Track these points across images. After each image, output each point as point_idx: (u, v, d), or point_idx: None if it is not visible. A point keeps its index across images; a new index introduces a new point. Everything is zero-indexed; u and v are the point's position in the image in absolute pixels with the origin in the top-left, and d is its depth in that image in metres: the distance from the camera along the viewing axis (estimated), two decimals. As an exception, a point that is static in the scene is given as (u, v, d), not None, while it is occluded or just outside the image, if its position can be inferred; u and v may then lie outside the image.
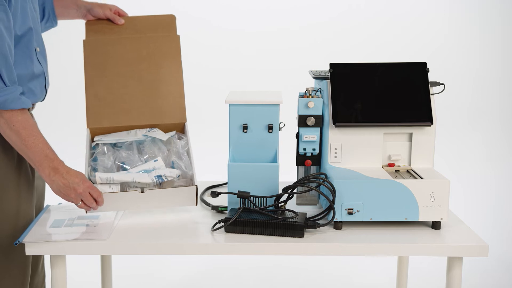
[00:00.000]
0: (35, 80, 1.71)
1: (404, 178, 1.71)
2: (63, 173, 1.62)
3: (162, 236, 1.64)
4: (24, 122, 1.60)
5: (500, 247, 3.42)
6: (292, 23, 4.49)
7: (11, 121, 1.58)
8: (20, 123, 1.59)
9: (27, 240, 1.58)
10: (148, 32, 2.00)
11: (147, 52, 1.96)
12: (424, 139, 1.78)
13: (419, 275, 3.01)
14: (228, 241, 1.61)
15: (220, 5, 4.47)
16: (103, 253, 1.63)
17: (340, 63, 1.79)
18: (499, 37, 4.57)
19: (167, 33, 2.02)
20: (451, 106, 4.44)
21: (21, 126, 1.59)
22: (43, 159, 1.61)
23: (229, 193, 1.73)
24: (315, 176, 1.71)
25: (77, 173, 1.65)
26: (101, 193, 1.66)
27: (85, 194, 1.63)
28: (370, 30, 4.50)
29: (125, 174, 1.73)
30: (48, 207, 1.86)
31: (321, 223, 1.67)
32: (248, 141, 1.83)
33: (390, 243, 1.61)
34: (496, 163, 4.41)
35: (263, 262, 3.25)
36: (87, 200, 1.64)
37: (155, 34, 2.00)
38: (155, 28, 2.02)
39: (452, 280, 1.64)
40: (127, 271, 3.07)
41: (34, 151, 1.61)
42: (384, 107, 1.76)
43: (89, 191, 1.64)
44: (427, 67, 1.79)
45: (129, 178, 1.72)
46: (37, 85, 1.72)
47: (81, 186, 1.62)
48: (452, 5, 4.55)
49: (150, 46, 1.97)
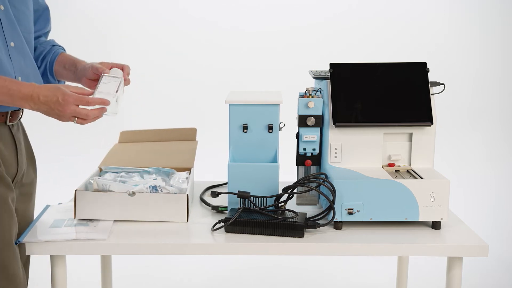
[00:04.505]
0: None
1: (404, 178, 1.71)
2: (37, 99, 1.51)
3: (162, 236, 1.64)
4: None
5: (500, 247, 3.42)
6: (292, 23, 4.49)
7: None
8: None
9: (27, 240, 1.58)
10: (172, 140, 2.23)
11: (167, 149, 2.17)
12: (424, 139, 1.78)
13: (419, 275, 3.01)
14: (228, 241, 1.61)
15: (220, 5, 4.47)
16: (103, 253, 1.63)
17: (340, 63, 1.79)
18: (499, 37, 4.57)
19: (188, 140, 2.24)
20: (451, 106, 4.44)
21: None
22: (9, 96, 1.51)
23: (229, 193, 1.73)
24: (315, 176, 1.71)
25: (52, 90, 1.52)
26: (90, 100, 1.55)
27: (73, 110, 1.52)
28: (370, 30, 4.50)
29: (121, 184, 1.73)
30: (48, 207, 1.86)
31: (321, 223, 1.67)
32: (248, 141, 1.83)
33: (390, 243, 1.61)
34: (496, 163, 4.41)
35: (263, 262, 3.25)
36: (80, 115, 1.54)
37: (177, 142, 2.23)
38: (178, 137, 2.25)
39: (452, 280, 1.64)
40: (127, 271, 3.07)
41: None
42: (384, 107, 1.76)
43: (75, 104, 1.53)
44: (427, 67, 1.79)
45: (125, 188, 1.72)
46: None
47: (65, 107, 1.51)
48: (452, 5, 4.55)
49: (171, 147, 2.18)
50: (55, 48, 1.88)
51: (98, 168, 1.96)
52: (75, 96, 1.53)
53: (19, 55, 1.66)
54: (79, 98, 1.54)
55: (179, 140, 2.23)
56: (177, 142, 2.21)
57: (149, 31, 4.29)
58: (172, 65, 4.17)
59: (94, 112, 1.57)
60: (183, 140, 2.22)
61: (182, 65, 4.43)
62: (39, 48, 1.86)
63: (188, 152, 2.11)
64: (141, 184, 1.74)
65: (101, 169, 1.96)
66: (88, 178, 1.83)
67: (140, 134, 2.25)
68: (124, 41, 4.26)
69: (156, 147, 2.16)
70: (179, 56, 4.29)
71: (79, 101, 1.54)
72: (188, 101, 4.32)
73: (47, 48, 1.86)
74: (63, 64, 1.85)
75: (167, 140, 2.22)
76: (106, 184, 1.71)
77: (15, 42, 1.64)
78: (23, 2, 1.69)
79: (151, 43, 4.30)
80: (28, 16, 1.72)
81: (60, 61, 1.86)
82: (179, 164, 2.02)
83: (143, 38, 4.29)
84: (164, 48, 4.29)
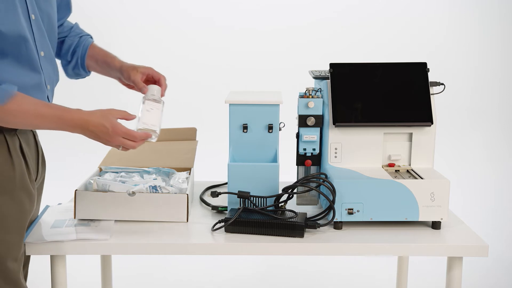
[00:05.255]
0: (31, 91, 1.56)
1: (404, 178, 1.71)
2: (86, 127, 1.54)
3: (162, 236, 1.64)
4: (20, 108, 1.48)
5: (500, 247, 3.42)
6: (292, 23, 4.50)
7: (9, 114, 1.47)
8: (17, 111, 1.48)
9: (28, 240, 1.58)
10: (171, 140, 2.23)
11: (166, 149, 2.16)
12: (424, 139, 1.78)
13: (419, 275, 3.01)
14: (228, 241, 1.61)
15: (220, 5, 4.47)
16: (103, 253, 1.63)
17: (340, 63, 1.79)
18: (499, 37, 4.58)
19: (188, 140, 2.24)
20: (451, 106, 4.44)
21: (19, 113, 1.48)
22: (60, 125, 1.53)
23: (229, 193, 1.73)
24: (315, 176, 1.71)
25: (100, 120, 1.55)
26: (137, 135, 1.59)
27: (121, 142, 1.57)
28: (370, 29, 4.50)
29: (121, 184, 1.73)
30: (47, 208, 1.86)
31: (321, 223, 1.67)
32: (248, 141, 1.83)
33: (390, 243, 1.61)
34: (496, 163, 4.42)
35: (263, 262, 3.25)
36: (126, 146, 1.59)
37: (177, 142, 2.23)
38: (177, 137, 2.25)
39: (452, 280, 1.64)
40: (127, 271, 3.07)
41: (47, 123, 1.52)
42: (384, 107, 1.76)
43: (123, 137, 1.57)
44: (427, 67, 1.79)
45: (125, 188, 1.72)
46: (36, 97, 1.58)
47: (113, 138, 1.55)
48: (451, 4, 4.55)
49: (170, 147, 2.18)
50: (83, 39, 1.87)
51: (98, 168, 1.96)
52: (124, 130, 1.57)
53: (48, 64, 1.65)
54: (127, 133, 1.58)
55: (179, 140, 2.23)
56: (177, 142, 2.21)
57: (149, 31, 4.29)
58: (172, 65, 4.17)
59: (139, 143, 1.61)
60: (183, 140, 2.22)
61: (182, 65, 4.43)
62: (67, 41, 1.85)
63: (188, 152, 2.11)
64: (141, 184, 1.74)
65: (101, 169, 1.96)
66: (88, 178, 1.83)
67: None
68: (124, 41, 4.25)
69: (156, 147, 2.16)
70: (179, 56, 4.29)
71: (127, 135, 1.58)
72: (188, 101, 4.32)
73: (75, 41, 1.85)
74: (95, 59, 1.86)
75: (167, 140, 2.22)
76: (106, 184, 1.71)
77: (44, 51, 1.62)
78: (47, 2, 1.66)
79: (151, 43, 4.30)
80: (53, 17, 1.69)
81: (91, 55, 1.86)
82: (179, 164, 2.02)
83: (143, 38, 4.29)
84: (164, 48, 4.29)
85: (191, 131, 2.24)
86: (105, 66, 1.85)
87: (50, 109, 1.53)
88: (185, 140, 2.22)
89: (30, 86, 1.56)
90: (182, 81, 4.42)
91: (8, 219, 1.53)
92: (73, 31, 1.88)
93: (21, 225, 1.57)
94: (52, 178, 1.93)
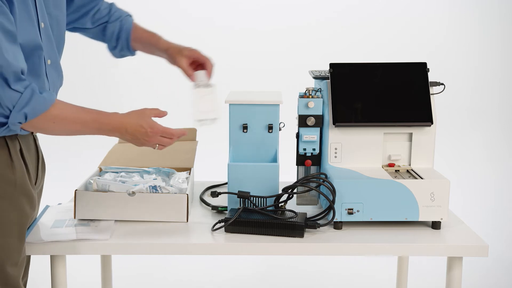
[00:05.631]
0: None
1: (404, 178, 1.71)
2: (124, 130, 1.57)
3: (162, 236, 1.64)
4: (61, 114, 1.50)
5: (500, 247, 3.42)
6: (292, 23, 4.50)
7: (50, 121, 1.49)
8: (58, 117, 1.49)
9: (28, 240, 1.58)
10: None
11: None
12: (424, 139, 1.78)
13: (419, 275, 3.01)
14: (228, 241, 1.61)
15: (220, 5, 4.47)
16: (103, 253, 1.63)
17: (340, 63, 1.79)
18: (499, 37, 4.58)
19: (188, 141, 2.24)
20: (451, 106, 4.44)
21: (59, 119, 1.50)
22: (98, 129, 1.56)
23: (229, 193, 1.73)
24: (315, 176, 1.71)
25: (138, 121, 1.58)
26: (174, 132, 1.62)
27: (159, 140, 1.60)
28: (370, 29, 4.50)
29: (121, 184, 1.73)
30: (47, 208, 1.86)
31: (321, 223, 1.67)
32: (248, 141, 1.83)
33: (390, 243, 1.61)
34: (496, 163, 4.42)
35: (263, 262, 3.25)
36: (163, 143, 1.62)
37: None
38: None
39: (452, 280, 1.64)
40: (127, 271, 3.07)
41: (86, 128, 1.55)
42: (384, 107, 1.76)
43: (161, 135, 1.60)
44: (427, 67, 1.79)
45: (125, 188, 1.72)
46: None
47: (151, 138, 1.58)
48: (451, 4, 4.55)
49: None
50: (124, 22, 1.87)
51: (98, 168, 1.96)
52: (161, 129, 1.61)
53: (53, 71, 1.63)
54: (165, 131, 1.61)
55: (179, 140, 2.22)
56: (177, 142, 2.21)
57: (149, 31, 4.28)
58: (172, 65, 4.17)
59: (175, 139, 1.65)
60: (183, 140, 2.22)
61: (182, 65, 4.42)
62: (109, 27, 1.85)
63: (188, 152, 2.11)
64: (141, 184, 1.74)
65: (101, 169, 1.96)
66: (88, 178, 1.83)
67: None
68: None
69: None
70: (179, 56, 4.28)
71: (165, 133, 1.62)
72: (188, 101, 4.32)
73: (117, 26, 1.86)
74: (140, 41, 1.89)
75: None
76: (106, 184, 1.71)
77: (51, 59, 1.61)
78: (57, 6, 1.65)
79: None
80: (62, 22, 1.68)
81: (135, 38, 1.88)
82: (179, 164, 2.02)
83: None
84: (164, 48, 4.28)
85: (191, 131, 2.24)
86: (150, 47, 1.88)
87: (89, 114, 1.55)
88: (185, 140, 2.22)
89: None
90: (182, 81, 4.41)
91: (8, 223, 1.52)
92: (113, 15, 1.87)
93: (21, 230, 1.56)
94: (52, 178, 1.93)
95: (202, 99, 1.69)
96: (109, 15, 1.87)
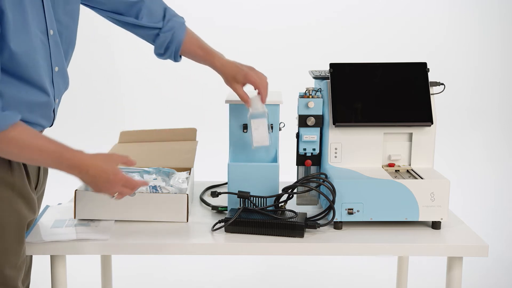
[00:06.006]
0: (39, 109, 1.53)
1: (404, 178, 1.71)
2: (85, 171, 1.46)
3: (162, 236, 1.64)
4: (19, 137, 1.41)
5: (500, 247, 3.42)
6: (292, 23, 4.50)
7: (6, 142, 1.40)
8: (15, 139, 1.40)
9: (28, 240, 1.58)
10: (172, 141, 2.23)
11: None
12: (424, 139, 1.78)
13: (419, 275, 3.01)
14: (228, 241, 1.61)
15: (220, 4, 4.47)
16: (103, 253, 1.63)
17: (340, 63, 1.79)
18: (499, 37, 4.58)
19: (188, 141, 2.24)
20: (451, 106, 4.44)
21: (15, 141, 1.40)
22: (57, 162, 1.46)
23: (229, 193, 1.73)
24: (315, 176, 1.71)
25: (102, 165, 1.48)
26: (136, 183, 1.53)
27: (119, 189, 1.51)
28: (370, 29, 4.50)
29: None
30: (47, 208, 1.86)
31: (321, 223, 1.67)
32: (248, 141, 1.83)
33: (390, 243, 1.61)
34: (496, 163, 4.42)
35: (263, 262, 3.25)
36: (123, 193, 1.53)
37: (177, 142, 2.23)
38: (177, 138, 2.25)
39: (452, 280, 1.64)
40: (127, 271, 3.07)
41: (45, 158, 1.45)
42: (384, 107, 1.76)
43: (123, 185, 1.50)
44: (427, 67, 1.79)
45: None
46: (42, 113, 1.55)
47: (112, 185, 1.49)
48: (451, 4, 4.55)
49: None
50: (176, 35, 1.81)
51: None
52: (125, 178, 1.51)
53: (60, 78, 1.60)
54: (128, 181, 1.52)
55: (179, 140, 2.23)
56: (177, 142, 2.21)
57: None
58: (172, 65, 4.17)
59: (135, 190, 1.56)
60: (183, 140, 2.22)
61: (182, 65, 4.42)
62: (161, 37, 1.80)
63: (188, 152, 2.11)
64: None
65: None
66: None
67: (140, 134, 2.24)
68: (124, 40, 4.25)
69: (156, 147, 2.16)
70: (179, 56, 4.29)
71: (128, 183, 1.52)
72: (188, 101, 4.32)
73: (168, 38, 1.80)
74: (191, 56, 1.86)
75: (167, 140, 2.22)
76: None
77: (59, 66, 1.58)
78: (68, 13, 1.61)
79: (151, 43, 4.29)
80: (73, 29, 1.65)
81: (186, 52, 1.85)
82: (179, 164, 2.02)
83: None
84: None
85: (191, 131, 2.24)
86: (203, 63, 1.85)
87: (50, 144, 1.46)
88: (185, 140, 2.22)
89: (37, 104, 1.52)
90: (183, 81, 4.42)
91: (6, 226, 1.51)
92: (167, 25, 1.81)
93: (20, 233, 1.55)
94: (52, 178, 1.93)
95: (257, 130, 1.76)
96: (163, 22, 1.82)
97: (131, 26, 1.83)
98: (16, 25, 1.41)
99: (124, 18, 1.81)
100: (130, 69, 4.49)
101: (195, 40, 1.86)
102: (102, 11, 1.80)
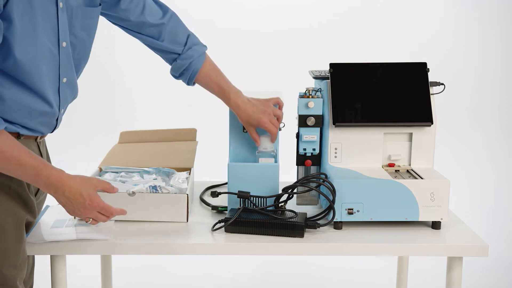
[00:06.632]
0: (40, 117, 1.53)
1: (404, 178, 1.71)
2: (61, 191, 1.45)
3: (162, 236, 1.64)
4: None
5: (500, 247, 3.42)
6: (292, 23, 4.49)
7: None
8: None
9: (28, 240, 1.58)
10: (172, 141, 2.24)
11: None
12: (424, 139, 1.78)
13: (419, 275, 3.01)
14: (228, 241, 1.61)
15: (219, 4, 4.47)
16: (103, 253, 1.63)
17: (340, 63, 1.79)
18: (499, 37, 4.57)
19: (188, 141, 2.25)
20: (451, 106, 4.44)
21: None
22: (34, 177, 1.44)
23: (229, 193, 1.73)
24: (315, 176, 1.71)
25: (79, 188, 1.46)
26: (113, 211, 1.53)
27: (94, 215, 1.50)
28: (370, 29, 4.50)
29: (121, 184, 1.73)
30: (47, 208, 1.85)
31: (321, 223, 1.67)
32: (248, 141, 1.83)
33: (390, 243, 1.61)
34: (496, 163, 4.42)
35: (263, 262, 3.25)
36: (98, 220, 1.53)
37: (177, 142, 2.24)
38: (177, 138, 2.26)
39: (452, 280, 1.64)
40: (127, 271, 3.07)
41: (22, 171, 1.43)
42: (384, 107, 1.76)
43: (99, 211, 1.50)
44: (427, 67, 1.79)
45: (125, 188, 1.71)
46: (43, 120, 1.55)
47: (87, 211, 1.48)
48: (451, 4, 4.55)
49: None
50: (193, 64, 1.79)
51: (98, 168, 1.96)
52: (102, 205, 1.50)
53: (68, 88, 1.60)
54: (105, 208, 1.51)
55: (179, 140, 2.23)
56: (177, 142, 2.21)
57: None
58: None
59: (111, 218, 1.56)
60: (183, 141, 2.22)
61: (182, 65, 4.42)
62: (178, 62, 1.79)
63: (188, 152, 2.11)
64: (141, 184, 1.74)
65: (101, 169, 1.96)
66: None
67: (140, 134, 2.25)
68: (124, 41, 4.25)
69: (156, 147, 2.16)
70: (179, 56, 4.28)
71: (104, 210, 1.52)
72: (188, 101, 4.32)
73: (185, 65, 1.79)
74: (206, 87, 1.84)
75: (167, 141, 2.22)
76: None
77: (67, 77, 1.57)
78: (85, 28, 1.61)
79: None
80: (88, 44, 1.65)
81: (201, 82, 1.83)
82: (179, 164, 2.02)
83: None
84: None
85: (191, 131, 2.24)
86: (220, 96, 1.82)
87: (30, 158, 1.43)
88: (185, 140, 2.22)
89: (37, 112, 1.52)
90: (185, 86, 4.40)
91: (4, 227, 1.51)
92: (186, 53, 1.79)
93: (19, 232, 1.55)
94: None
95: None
96: (184, 49, 1.80)
97: (151, 45, 1.82)
98: (23, 34, 1.42)
99: (147, 40, 1.79)
100: (130, 69, 4.48)
101: (213, 73, 1.83)
102: (125, 29, 1.80)
